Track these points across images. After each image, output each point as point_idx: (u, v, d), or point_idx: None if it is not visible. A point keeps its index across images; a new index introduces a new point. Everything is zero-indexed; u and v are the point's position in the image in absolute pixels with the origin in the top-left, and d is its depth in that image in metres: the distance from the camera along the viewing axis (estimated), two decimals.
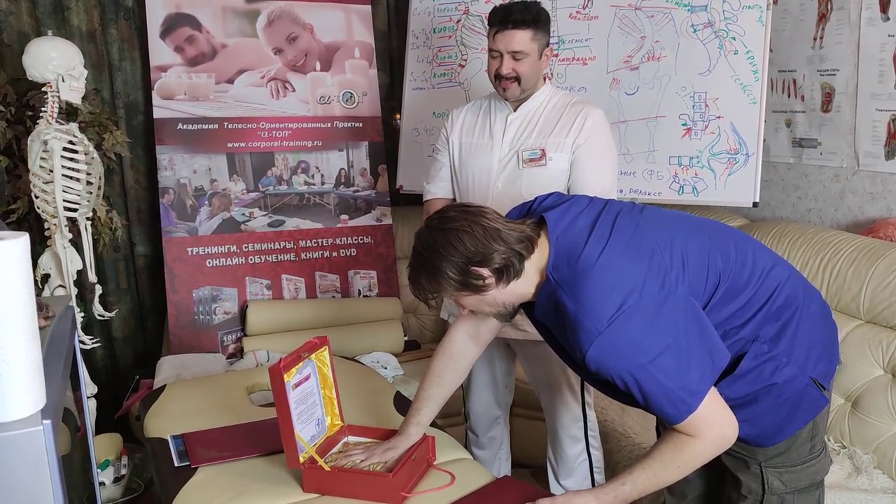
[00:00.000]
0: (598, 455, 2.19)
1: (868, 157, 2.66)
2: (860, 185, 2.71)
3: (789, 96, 2.95)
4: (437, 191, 2.21)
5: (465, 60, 3.16)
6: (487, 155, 2.07)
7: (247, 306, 2.95)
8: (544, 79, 2.10)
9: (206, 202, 3.00)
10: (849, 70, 2.69)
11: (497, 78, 2.02)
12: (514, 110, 2.08)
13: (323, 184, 3.19)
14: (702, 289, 1.34)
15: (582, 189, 1.96)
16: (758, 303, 1.37)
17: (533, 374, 2.17)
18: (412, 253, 1.41)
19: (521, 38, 1.96)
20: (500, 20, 1.98)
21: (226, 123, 3.04)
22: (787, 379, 1.37)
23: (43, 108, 2.28)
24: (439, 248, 1.35)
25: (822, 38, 2.79)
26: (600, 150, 2.02)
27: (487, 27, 2.04)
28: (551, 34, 2.08)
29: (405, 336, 3.12)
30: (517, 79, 2.00)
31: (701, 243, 1.38)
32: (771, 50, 2.74)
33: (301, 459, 1.50)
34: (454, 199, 2.19)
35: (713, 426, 1.30)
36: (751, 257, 1.40)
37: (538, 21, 1.98)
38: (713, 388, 1.30)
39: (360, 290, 3.21)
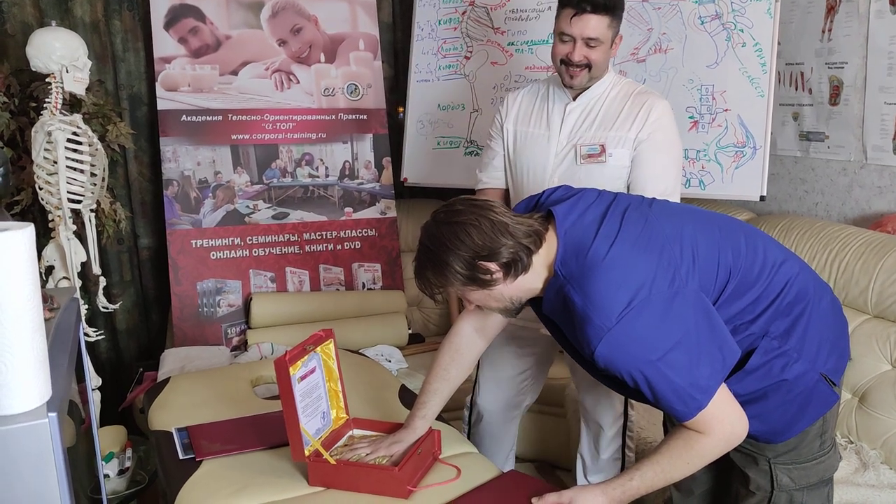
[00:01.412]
0: (631, 456, 2.13)
1: (876, 150, 2.64)
2: (868, 179, 2.69)
3: (797, 89, 2.93)
4: (490, 180, 2.09)
5: (471, 52, 3.14)
6: (543, 146, 1.96)
7: (251, 299, 2.95)
8: (607, 68, 1.96)
9: (210, 194, 2.99)
10: (857, 63, 2.67)
11: (564, 64, 1.88)
12: (574, 99, 1.95)
13: (327, 176, 3.18)
14: (712, 284, 1.33)
15: (642, 189, 1.85)
16: (768, 298, 1.36)
17: (579, 371, 2.06)
18: (418, 246, 1.40)
19: (597, 24, 1.82)
20: (577, 2, 1.81)
21: (230, 115, 3.03)
22: (797, 375, 1.36)
23: (47, 100, 2.27)
24: (446, 242, 1.34)
25: (830, 30, 2.77)
26: (664, 148, 1.89)
27: (559, 7, 1.87)
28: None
29: (409, 329, 3.12)
30: (588, 66, 1.86)
31: (711, 238, 1.37)
32: (779, 42, 2.72)
33: (306, 453, 1.49)
34: (507, 190, 2.09)
35: (723, 423, 1.29)
36: (761, 252, 1.39)
37: (616, 6, 1.85)
38: (723, 384, 1.29)
39: (364, 283, 3.20)
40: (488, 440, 2.21)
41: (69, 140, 2.24)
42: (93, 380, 2.41)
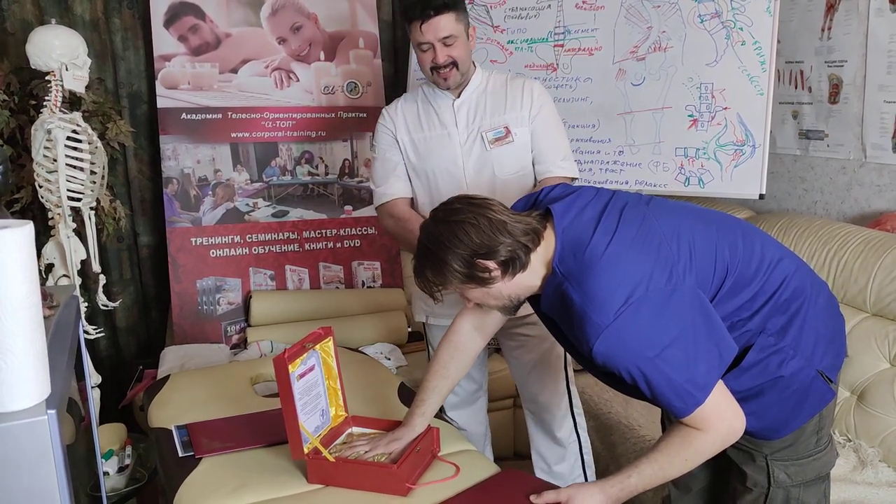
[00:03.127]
0: (585, 434, 2.20)
1: (875, 149, 2.64)
2: (867, 178, 2.70)
3: (796, 87, 2.93)
4: (395, 191, 2.09)
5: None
6: (447, 143, 2.04)
7: (250, 297, 2.95)
8: (474, 64, 2.08)
9: (210, 192, 2.99)
10: (857, 61, 2.67)
11: (434, 70, 1.98)
12: (458, 96, 2.05)
13: (327, 174, 3.18)
14: (709, 281, 1.33)
15: (550, 160, 2.02)
16: (765, 295, 1.36)
17: (517, 358, 2.15)
18: (417, 245, 1.40)
19: (446, 23, 1.93)
20: (420, 11, 1.93)
21: (230, 113, 3.03)
22: (793, 371, 1.36)
23: (46, 98, 2.27)
24: (444, 241, 1.34)
25: (830, 28, 2.77)
26: (553, 118, 2.07)
27: (408, 24, 1.99)
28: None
29: (409, 327, 3.12)
30: (455, 64, 1.97)
31: (708, 235, 1.37)
32: (778, 41, 2.72)
33: (305, 450, 1.49)
34: (413, 198, 2.12)
35: (721, 419, 1.29)
36: (758, 249, 1.39)
37: (455, 2, 1.96)
38: (720, 381, 1.30)
39: (363, 281, 3.21)
40: (463, 429, 2.24)
41: (69, 138, 2.24)
42: (92, 377, 2.41)
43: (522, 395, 2.23)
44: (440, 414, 2.21)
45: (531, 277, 1.38)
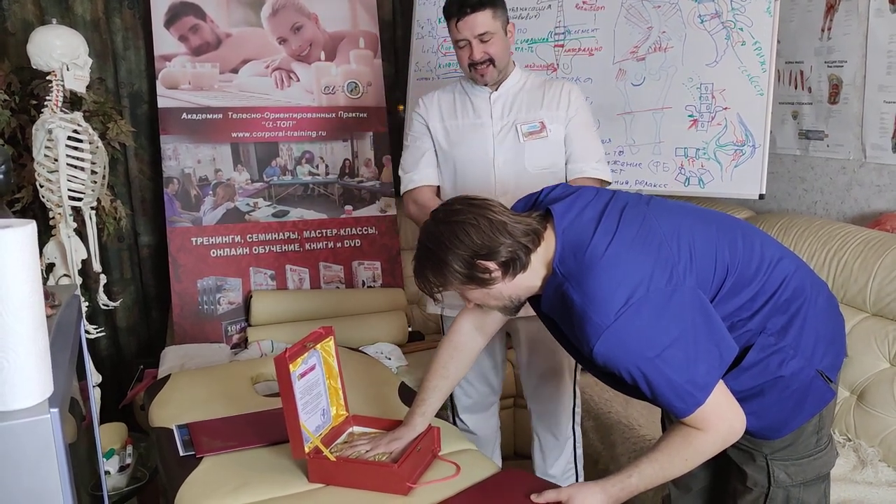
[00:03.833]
0: (579, 429, 2.23)
1: (875, 149, 2.65)
2: (867, 178, 2.70)
3: (796, 88, 2.94)
4: (423, 178, 2.12)
5: None
6: (480, 132, 2.06)
7: (251, 296, 2.95)
8: (513, 62, 2.11)
9: (211, 192, 2.99)
10: (857, 62, 2.67)
11: (471, 67, 2.01)
12: (495, 90, 2.08)
13: (327, 174, 3.19)
14: (709, 281, 1.33)
15: (584, 160, 2.05)
16: (765, 295, 1.36)
17: (531, 359, 2.16)
18: (418, 246, 1.41)
19: (483, 20, 1.95)
20: (457, 9, 1.96)
21: (230, 113, 3.04)
22: (793, 371, 1.36)
23: (47, 97, 2.27)
24: (445, 242, 1.34)
25: (829, 29, 2.77)
26: (589, 121, 2.11)
27: (446, 22, 2.02)
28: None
29: (409, 327, 3.12)
30: (491, 61, 2.00)
31: (708, 235, 1.37)
32: (778, 41, 2.72)
33: (306, 449, 1.50)
34: (438, 187, 2.15)
35: (721, 419, 1.29)
36: (758, 249, 1.40)
37: None
38: (720, 381, 1.30)
39: (364, 281, 3.21)
40: (473, 432, 2.27)
41: (70, 138, 2.25)
42: (93, 377, 2.41)
43: (530, 396, 2.22)
44: (454, 418, 2.23)
45: (531, 278, 1.39)
